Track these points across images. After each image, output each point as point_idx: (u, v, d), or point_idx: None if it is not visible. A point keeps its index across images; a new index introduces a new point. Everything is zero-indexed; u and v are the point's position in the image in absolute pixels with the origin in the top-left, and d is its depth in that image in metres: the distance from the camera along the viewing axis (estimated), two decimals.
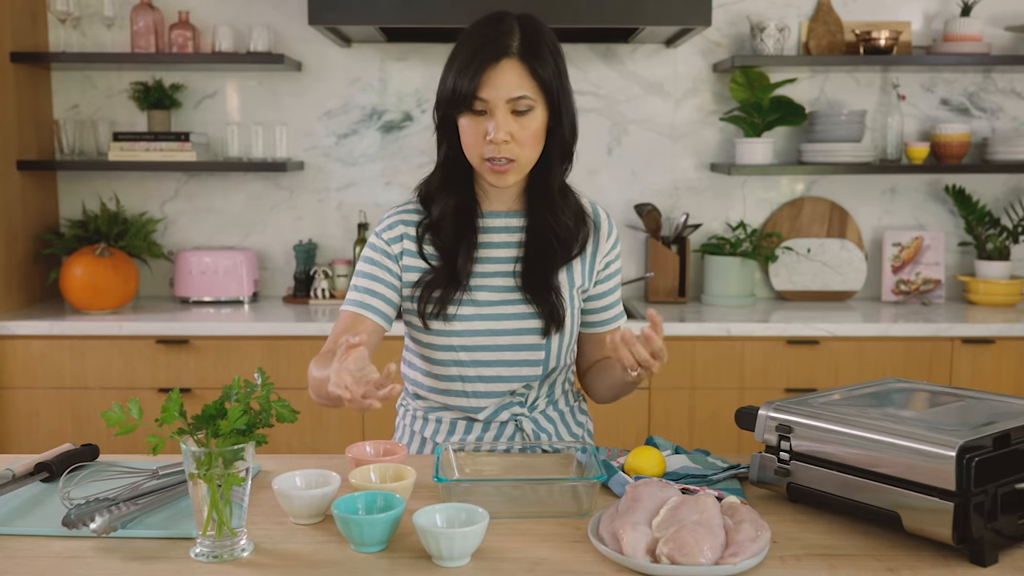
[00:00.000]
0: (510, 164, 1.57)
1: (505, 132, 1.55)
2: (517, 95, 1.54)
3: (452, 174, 1.66)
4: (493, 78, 1.54)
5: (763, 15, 3.36)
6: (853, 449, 1.27)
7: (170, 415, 1.18)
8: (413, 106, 3.42)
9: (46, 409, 2.98)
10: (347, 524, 1.21)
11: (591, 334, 1.77)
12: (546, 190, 1.65)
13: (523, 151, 1.57)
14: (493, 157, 1.56)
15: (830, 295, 3.43)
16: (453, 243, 1.64)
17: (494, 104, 1.54)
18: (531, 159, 1.60)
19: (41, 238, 3.28)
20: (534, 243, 1.66)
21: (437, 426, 1.73)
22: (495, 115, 1.55)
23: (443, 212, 1.64)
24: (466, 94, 1.54)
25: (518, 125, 1.56)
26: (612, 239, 1.74)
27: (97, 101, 3.40)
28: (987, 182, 3.47)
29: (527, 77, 1.55)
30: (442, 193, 1.66)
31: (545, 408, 1.74)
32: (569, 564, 1.19)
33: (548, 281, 1.66)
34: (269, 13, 3.35)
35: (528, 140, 1.57)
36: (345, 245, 3.48)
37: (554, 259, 1.66)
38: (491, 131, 1.54)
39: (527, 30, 1.57)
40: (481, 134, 1.56)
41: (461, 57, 1.57)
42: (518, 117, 1.56)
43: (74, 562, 1.20)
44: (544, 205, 1.66)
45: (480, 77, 1.54)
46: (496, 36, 1.56)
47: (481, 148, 1.57)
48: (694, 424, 3.00)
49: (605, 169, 3.45)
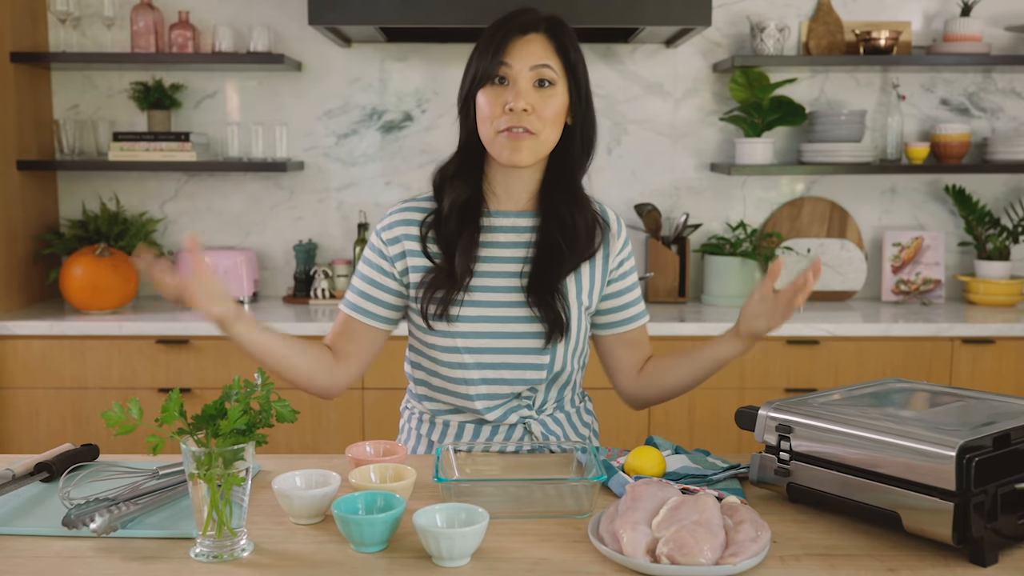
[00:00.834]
0: (528, 136, 1.54)
1: (526, 102, 1.53)
2: (542, 63, 1.54)
3: (467, 162, 1.64)
4: (520, 47, 1.54)
5: (763, 15, 3.36)
6: (853, 449, 1.27)
7: (170, 415, 1.18)
8: (413, 106, 3.42)
9: (46, 409, 2.98)
10: (347, 524, 1.21)
11: (618, 335, 1.74)
12: (570, 184, 1.64)
13: (543, 126, 1.55)
14: (511, 126, 1.53)
15: (830, 295, 3.43)
16: (454, 239, 1.62)
17: (517, 72, 1.54)
18: (549, 139, 1.58)
19: (41, 238, 3.28)
20: (543, 246, 1.64)
21: (444, 429, 1.71)
22: (518, 83, 1.54)
23: (452, 205, 1.62)
24: (492, 63, 1.54)
25: (539, 98, 1.54)
26: (622, 238, 1.73)
27: (97, 101, 3.40)
28: (987, 182, 3.47)
29: (553, 52, 1.56)
30: (456, 183, 1.63)
31: (553, 411, 1.73)
32: (569, 564, 1.19)
33: (554, 286, 1.63)
34: (269, 13, 3.35)
35: (548, 116, 1.55)
36: (345, 245, 3.48)
37: (563, 263, 1.63)
38: (511, 100, 1.53)
39: (552, 19, 1.59)
40: (500, 104, 1.54)
41: (486, 38, 1.57)
42: (540, 90, 1.55)
43: (74, 562, 1.20)
44: (564, 201, 1.63)
45: (505, 46, 1.54)
46: (523, 18, 1.57)
47: (498, 119, 1.54)
48: (694, 424, 3.00)
49: (605, 169, 3.45)
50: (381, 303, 1.66)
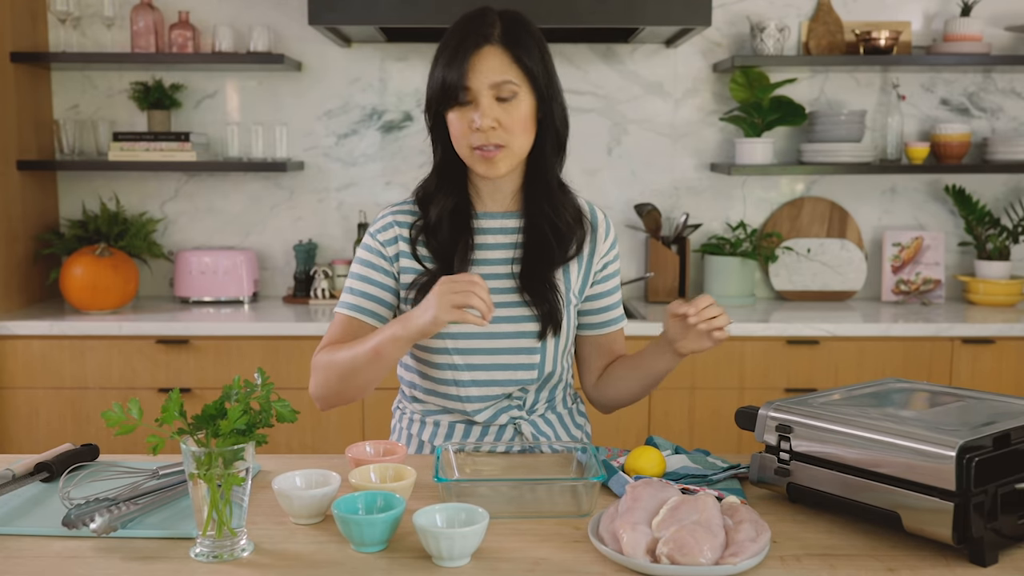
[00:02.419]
0: (499, 150, 1.55)
1: (491, 119, 1.54)
2: (499, 80, 1.54)
3: (448, 176, 1.65)
4: (476, 64, 1.54)
5: (763, 15, 3.36)
6: (853, 449, 1.27)
7: (170, 415, 1.18)
8: (413, 106, 3.42)
9: (46, 409, 2.98)
10: (347, 524, 1.21)
11: (592, 337, 1.76)
12: (545, 184, 1.65)
13: (512, 138, 1.56)
14: (482, 145, 1.55)
15: (830, 295, 3.43)
16: (449, 246, 1.63)
17: (477, 91, 1.54)
18: (522, 146, 1.59)
19: (41, 238, 3.28)
20: (532, 242, 1.65)
21: (435, 429, 1.71)
22: (480, 102, 1.54)
23: (440, 215, 1.63)
24: (452, 86, 1.54)
25: (503, 111, 1.55)
26: (610, 240, 1.73)
27: (97, 101, 3.40)
28: (987, 182, 3.47)
29: (510, 63, 1.55)
30: (439, 196, 1.65)
31: (544, 412, 1.73)
32: (569, 564, 1.19)
33: (547, 280, 1.64)
34: (269, 13, 3.35)
35: (516, 127, 1.56)
36: (345, 245, 3.48)
37: (552, 257, 1.65)
38: (476, 120, 1.54)
39: (508, 21, 1.58)
40: (467, 124, 1.55)
41: (445, 53, 1.57)
42: (503, 104, 1.55)
43: (74, 562, 1.20)
44: (543, 199, 1.65)
45: (464, 66, 1.53)
46: (478, 27, 1.56)
47: (468, 138, 1.56)
48: (694, 424, 3.00)
49: (605, 169, 3.45)
50: (382, 302, 1.66)
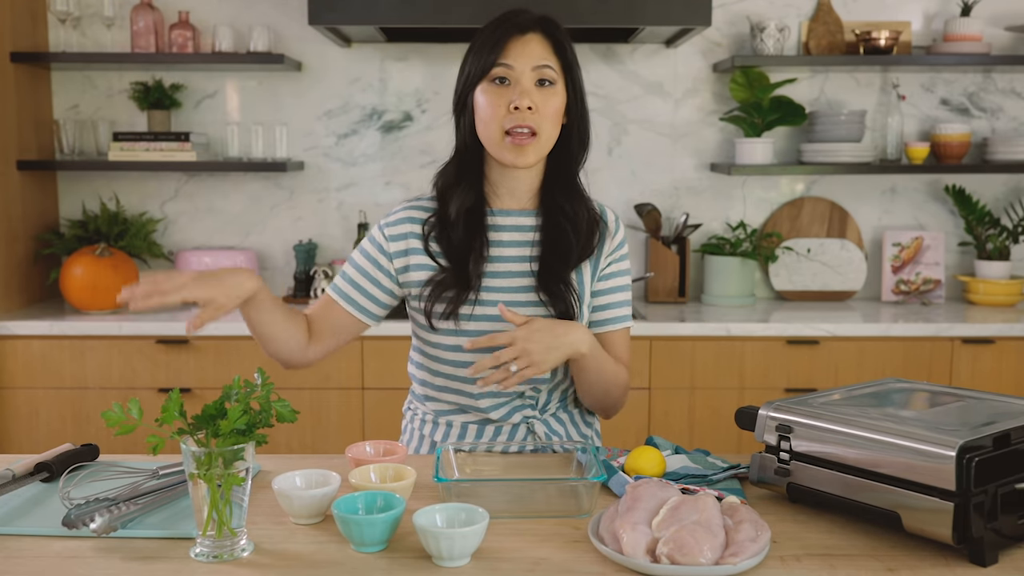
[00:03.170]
0: (532, 138, 1.55)
1: (530, 100, 1.54)
2: (543, 63, 1.56)
3: (468, 163, 1.64)
4: (519, 47, 1.55)
5: (763, 15, 3.36)
6: (853, 449, 1.27)
7: (170, 415, 1.18)
8: (413, 106, 3.42)
9: (46, 409, 2.98)
10: (347, 524, 1.21)
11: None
12: (567, 182, 1.65)
13: (546, 125, 1.56)
14: (517, 127, 1.54)
15: (830, 295, 3.43)
16: (464, 244, 1.62)
17: (519, 72, 1.55)
18: (550, 138, 1.59)
19: (41, 238, 3.28)
20: (550, 240, 1.64)
21: (448, 430, 1.71)
22: (520, 82, 1.55)
23: (458, 211, 1.62)
24: (490, 61, 1.55)
25: (541, 97, 1.55)
26: (618, 239, 1.72)
27: (97, 101, 3.40)
28: (987, 182, 3.47)
29: (552, 51, 1.58)
30: (459, 188, 1.64)
31: (556, 411, 1.73)
32: (569, 564, 1.19)
33: (564, 278, 1.63)
34: (269, 13, 3.35)
35: (550, 115, 1.56)
36: (345, 245, 3.48)
37: (571, 255, 1.64)
38: (516, 99, 1.53)
39: (545, 18, 1.60)
40: (504, 104, 1.54)
41: (485, 40, 1.58)
42: (541, 89, 1.56)
43: (74, 562, 1.20)
44: (564, 198, 1.64)
45: (504, 45, 1.55)
46: (517, 18, 1.58)
47: (502, 119, 1.55)
48: (694, 424, 3.00)
49: (605, 169, 3.45)
50: (368, 296, 1.66)
